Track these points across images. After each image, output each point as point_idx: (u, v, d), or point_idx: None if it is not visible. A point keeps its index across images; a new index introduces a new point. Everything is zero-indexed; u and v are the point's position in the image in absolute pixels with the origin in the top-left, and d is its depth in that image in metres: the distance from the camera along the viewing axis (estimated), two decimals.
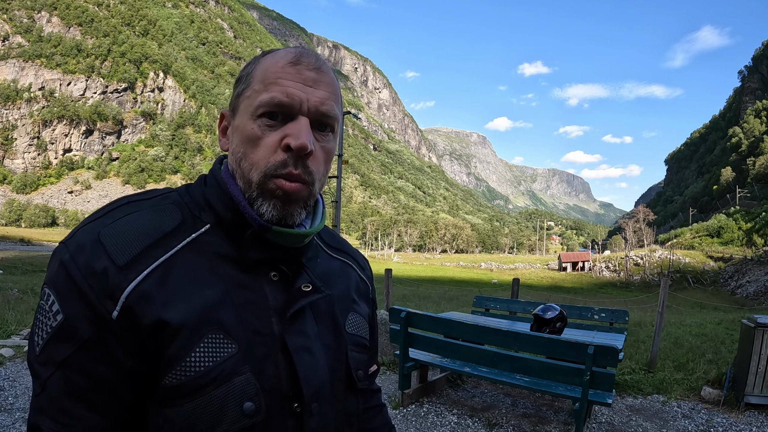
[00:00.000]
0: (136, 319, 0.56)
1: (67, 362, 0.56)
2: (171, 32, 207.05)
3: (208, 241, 0.63)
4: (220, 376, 0.58)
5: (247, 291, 0.63)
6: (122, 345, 0.56)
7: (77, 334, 0.56)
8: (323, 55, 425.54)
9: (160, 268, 0.59)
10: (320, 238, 0.79)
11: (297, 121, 0.63)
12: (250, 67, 0.67)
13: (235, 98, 0.67)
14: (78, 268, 0.56)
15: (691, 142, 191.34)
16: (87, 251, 0.57)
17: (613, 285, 47.78)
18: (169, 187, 0.70)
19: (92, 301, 0.56)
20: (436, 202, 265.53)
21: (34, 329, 0.59)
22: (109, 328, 0.56)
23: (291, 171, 0.62)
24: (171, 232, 0.61)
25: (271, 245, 0.65)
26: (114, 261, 0.57)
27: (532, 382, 3.93)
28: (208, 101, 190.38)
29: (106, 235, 0.58)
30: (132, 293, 0.56)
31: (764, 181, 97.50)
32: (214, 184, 0.66)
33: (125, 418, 0.59)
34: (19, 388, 4.35)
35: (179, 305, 0.58)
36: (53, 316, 0.57)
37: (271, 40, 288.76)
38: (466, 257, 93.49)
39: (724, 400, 4.71)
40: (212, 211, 0.65)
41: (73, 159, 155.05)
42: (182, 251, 0.61)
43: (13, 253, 29.52)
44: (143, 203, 0.64)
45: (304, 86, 0.63)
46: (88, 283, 0.56)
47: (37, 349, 0.58)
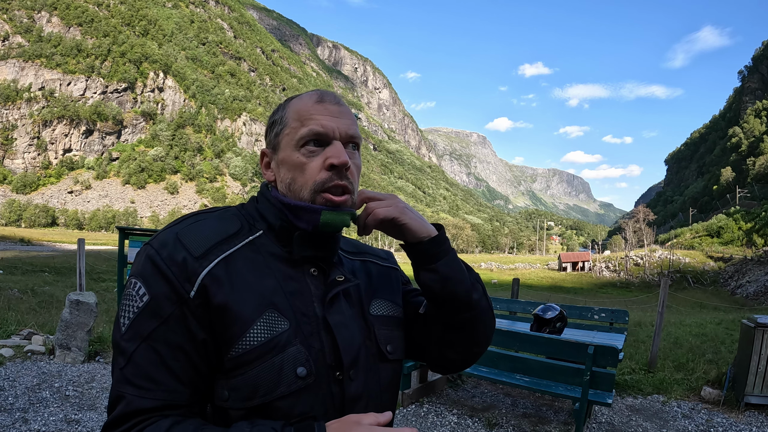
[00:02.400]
0: (209, 298, 0.70)
1: (152, 335, 0.68)
2: (171, 32, 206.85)
3: (262, 243, 0.78)
4: (276, 346, 0.71)
5: (293, 282, 0.78)
6: (197, 319, 0.70)
7: (161, 311, 0.69)
8: (323, 55, 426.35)
9: (226, 259, 0.73)
10: (342, 248, 0.92)
11: (333, 144, 0.78)
12: (281, 112, 0.82)
13: (274, 138, 0.82)
14: (162, 259, 0.71)
15: (691, 142, 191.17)
16: (169, 246, 0.72)
17: (613, 285, 47.72)
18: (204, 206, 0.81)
19: (174, 284, 0.70)
20: (436, 202, 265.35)
21: (119, 313, 0.72)
22: (188, 306, 0.69)
23: (337, 183, 0.76)
24: (233, 235, 0.77)
25: (312, 246, 0.80)
26: (191, 252, 0.72)
27: (532, 382, 3.93)
28: (208, 101, 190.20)
29: (183, 235, 0.74)
30: (206, 276, 0.71)
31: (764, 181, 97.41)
32: (265, 200, 0.82)
33: (199, 387, 0.72)
34: (19, 388, 4.34)
35: (243, 288, 0.72)
36: (140, 299, 0.70)
37: (271, 40, 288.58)
38: (466, 257, 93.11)
39: (724, 400, 4.70)
40: (264, 220, 0.81)
41: (73, 159, 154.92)
42: (243, 249, 0.76)
43: (13, 253, 29.49)
44: (209, 214, 0.80)
45: (332, 117, 0.78)
46: (171, 270, 0.70)
47: (123, 328, 0.70)
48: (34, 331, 6.08)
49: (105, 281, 16.00)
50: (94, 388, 4.53)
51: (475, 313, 0.86)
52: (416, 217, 0.82)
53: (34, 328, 6.32)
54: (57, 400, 4.16)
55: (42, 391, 4.33)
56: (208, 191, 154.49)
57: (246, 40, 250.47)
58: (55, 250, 39.66)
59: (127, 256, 5.42)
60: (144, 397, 0.66)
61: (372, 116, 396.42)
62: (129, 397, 0.66)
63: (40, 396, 4.20)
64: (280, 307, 0.74)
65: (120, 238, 5.44)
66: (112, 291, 12.59)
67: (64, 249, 40.69)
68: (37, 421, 3.68)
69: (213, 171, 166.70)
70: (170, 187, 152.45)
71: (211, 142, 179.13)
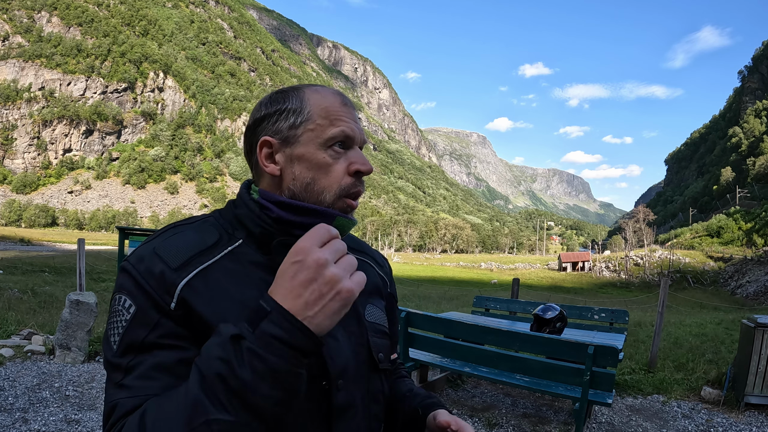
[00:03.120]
0: (190, 309, 0.69)
1: (144, 342, 0.68)
2: (171, 32, 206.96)
3: (243, 252, 0.76)
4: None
5: None
6: (183, 327, 0.69)
7: (148, 319, 0.69)
8: (323, 55, 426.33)
9: (205, 270, 0.72)
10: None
11: (355, 150, 0.78)
12: (297, 102, 0.77)
13: (288, 129, 0.76)
14: (140, 273, 0.70)
15: (691, 142, 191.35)
16: (146, 260, 0.71)
17: (613, 285, 47.76)
18: (204, 212, 0.81)
19: (154, 297, 0.69)
20: (436, 202, 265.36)
21: (108, 333, 0.71)
22: (171, 317, 0.69)
23: (360, 190, 0.78)
24: (212, 246, 0.75)
25: None
26: (168, 265, 0.71)
27: (532, 382, 3.93)
28: (208, 101, 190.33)
29: (160, 248, 0.73)
30: (184, 288, 0.70)
31: (764, 181, 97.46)
32: (243, 205, 0.78)
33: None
34: (19, 388, 4.34)
35: (222, 299, 0.71)
36: (126, 311, 0.69)
37: (271, 40, 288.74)
38: (466, 257, 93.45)
39: (724, 400, 4.71)
40: (244, 228, 0.78)
41: (73, 159, 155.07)
42: (222, 259, 0.74)
43: (13, 253, 29.51)
44: (187, 226, 0.78)
45: (354, 122, 0.79)
46: (149, 283, 0.69)
47: (115, 347, 0.69)
48: (34, 331, 6.09)
49: (105, 281, 15.99)
50: (94, 388, 4.53)
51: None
52: None
53: (34, 328, 6.32)
54: (57, 400, 4.16)
55: (42, 391, 4.33)
56: (208, 191, 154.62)
57: (246, 40, 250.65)
58: (55, 250, 39.68)
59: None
60: (136, 396, 0.66)
61: (372, 116, 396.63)
62: (122, 401, 0.65)
63: (40, 396, 4.21)
64: None
65: (120, 238, 5.45)
66: (111, 291, 12.57)
67: (64, 249, 40.72)
68: (37, 421, 3.68)
69: (213, 171, 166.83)
70: (170, 187, 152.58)
71: (211, 142, 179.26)
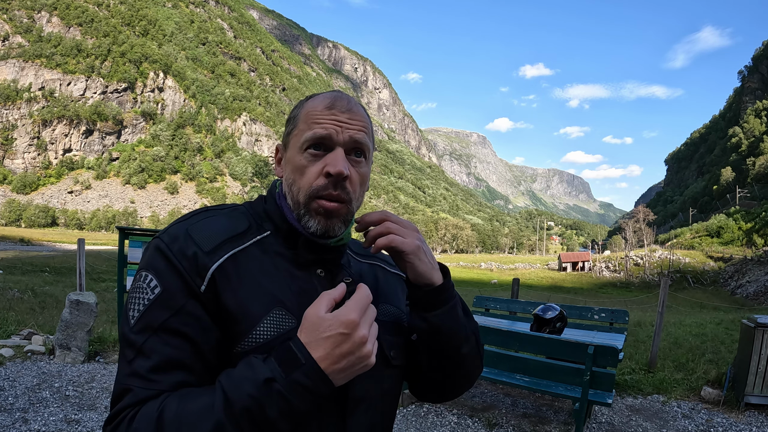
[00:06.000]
0: (218, 293, 0.71)
1: (163, 326, 0.68)
2: (171, 32, 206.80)
3: (271, 242, 0.79)
4: (284, 343, 0.70)
5: (301, 281, 0.78)
6: (208, 313, 0.71)
7: (173, 302, 0.69)
8: (323, 55, 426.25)
9: (235, 255, 0.74)
10: (350, 249, 0.93)
11: (335, 151, 0.78)
12: (296, 111, 0.83)
13: (286, 136, 0.83)
14: (173, 252, 0.71)
15: (691, 142, 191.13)
16: (180, 240, 0.73)
17: (613, 285, 47.71)
18: (225, 203, 0.87)
19: (185, 278, 0.70)
20: (436, 202, 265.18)
21: (128, 306, 0.71)
22: (199, 299, 0.70)
23: (331, 192, 0.76)
24: (242, 233, 0.78)
25: (318, 249, 0.80)
26: (201, 247, 0.72)
27: (532, 382, 3.93)
28: (208, 101, 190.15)
29: (193, 230, 0.74)
30: (216, 271, 0.71)
31: (764, 181, 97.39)
32: (272, 201, 0.84)
33: (206, 379, 0.70)
34: (19, 388, 4.34)
35: (251, 285, 0.73)
36: (151, 291, 0.70)
37: (271, 40, 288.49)
38: (466, 257, 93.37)
39: (724, 400, 4.71)
40: (271, 222, 0.82)
41: (73, 159, 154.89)
42: (251, 247, 0.77)
43: (13, 253, 29.48)
44: (219, 211, 0.81)
45: (338, 122, 0.78)
46: (181, 263, 0.71)
47: (132, 321, 0.69)
48: (34, 331, 6.09)
49: (105, 281, 15.99)
50: (94, 388, 4.53)
51: (461, 364, 0.87)
52: (427, 260, 0.80)
53: (34, 328, 6.33)
54: (57, 400, 4.16)
55: (42, 391, 4.33)
56: (208, 191, 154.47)
57: (246, 40, 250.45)
58: (55, 250, 39.66)
59: (127, 256, 5.41)
60: (151, 389, 0.66)
61: (372, 116, 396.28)
62: (137, 390, 0.66)
63: (40, 396, 4.21)
64: (288, 305, 0.75)
65: (120, 238, 5.44)
66: (112, 291, 12.58)
67: (64, 249, 40.68)
68: (37, 421, 3.68)
69: (213, 171, 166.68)
70: (170, 187, 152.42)
71: (211, 142, 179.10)
